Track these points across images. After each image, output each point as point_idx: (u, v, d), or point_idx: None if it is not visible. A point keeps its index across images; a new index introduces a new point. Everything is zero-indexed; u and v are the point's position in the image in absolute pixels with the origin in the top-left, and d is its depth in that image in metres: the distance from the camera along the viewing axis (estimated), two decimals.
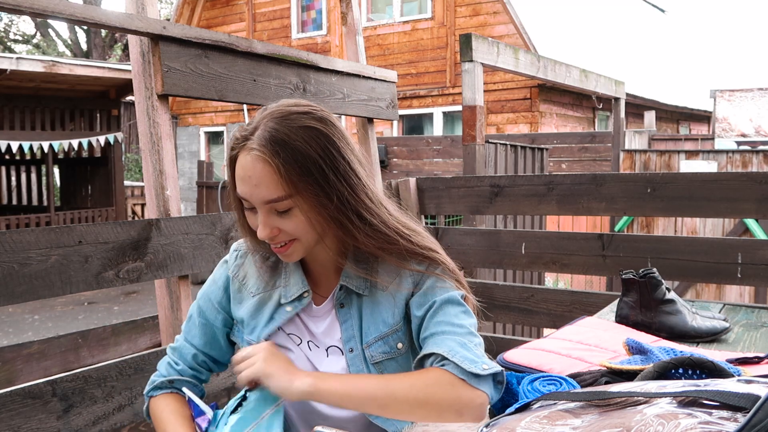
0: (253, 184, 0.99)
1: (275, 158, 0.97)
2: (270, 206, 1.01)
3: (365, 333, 1.09)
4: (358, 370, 1.08)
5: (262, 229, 1.02)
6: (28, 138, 8.73)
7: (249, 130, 1.01)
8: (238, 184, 1.01)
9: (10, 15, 18.48)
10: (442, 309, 1.06)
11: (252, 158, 0.98)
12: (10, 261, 1.49)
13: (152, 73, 1.87)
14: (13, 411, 1.49)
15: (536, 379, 1.12)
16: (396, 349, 1.08)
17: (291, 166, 0.97)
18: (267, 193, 0.99)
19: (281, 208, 1.00)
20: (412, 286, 1.09)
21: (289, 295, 1.11)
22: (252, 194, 1.00)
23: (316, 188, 0.99)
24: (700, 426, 0.59)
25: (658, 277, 1.61)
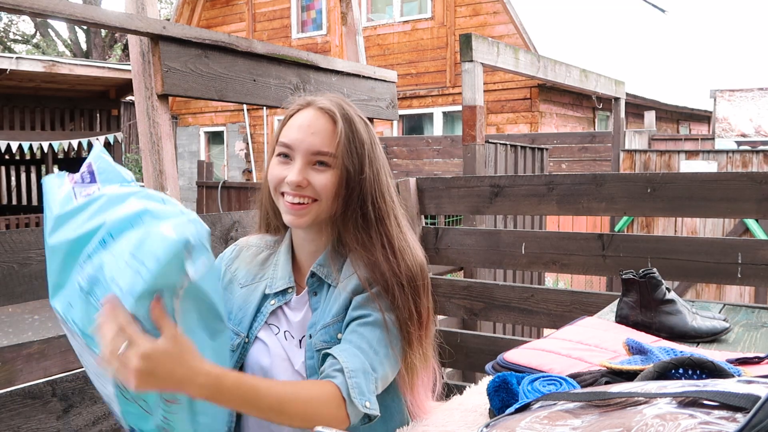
0: (311, 132, 1.08)
1: (339, 120, 1.08)
2: (313, 157, 1.07)
3: (318, 321, 1.13)
4: (311, 356, 1.10)
5: (296, 174, 1.06)
6: (28, 138, 8.73)
7: (314, 97, 1.12)
8: (291, 132, 1.09)
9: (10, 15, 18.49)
10: (373, 326, 1.07)
11: (318, 113, 1.09)
12: (10, 261, 1.49)
13: (152, 73, 1.87)
14: (13, 411, 1.49)
15: (536, 379, 1.12)
16: (336, 339, 1.11)
17: (347, 133, 1.08)
18: (319, 143, 1.07)
19: (322, 159, 1.07)
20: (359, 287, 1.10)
21: (274, 287, 1.15)
22: (303, 140, 1.07)
23: (355, 163, 1.08)
24: (700, 426, 0.59)
25: (658, 277, 1.61)
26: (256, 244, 1.23)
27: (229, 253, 1.24)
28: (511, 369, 1.29)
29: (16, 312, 6.80)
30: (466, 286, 3.00)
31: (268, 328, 1.16)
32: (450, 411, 1.18)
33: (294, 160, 1.08)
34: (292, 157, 1.09)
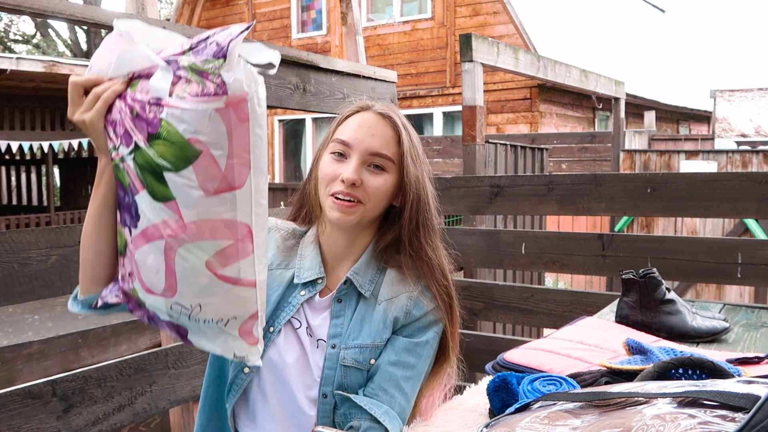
0: (371, 134, 1.08)
1: (400, 127, 1.10)
2: (370, 158, 1.07)
3: (348, 335, 1.10)
4: (330, 367, 1.09)
5: (352, 172, 1.06)
6: (28, 138, 8.73)
7: (372, 103, 1.13)
8: (350, 132, 1.08)
9: (10, 15, 18.49)
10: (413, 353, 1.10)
11: (379, 117, 1.10)
12: (10, 261, 1.49)
13: None
14: (13, 411, 1.49)
15: (536, 379, 1.12)
16: (368, 363, 1.09)
17: (406, 141, 1.10)
18: (379, 146, 1.08)
19: (379, 162, 1.08)
20: (403, 315, 1.10)
21: (303, 277, 1.13)
22: (363, 141, 1.07)
23: (409, 170, 1.09)
24: (699, 426, 0.59)
25: (658, 277, 1.61)
26: (285, 228, 1.19)
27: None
28: (511, 369, 1.29)
29: (16, 312, 6.80)
30: (466, 286, 3.00)
31: (290, 322, 1.13)
32: (450, 411, 1.18)
33: (350, 159, 1.07)
34: (347, 155, 1.08)
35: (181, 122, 0.80)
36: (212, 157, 0.81)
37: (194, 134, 0.80)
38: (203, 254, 0.84)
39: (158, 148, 0.81)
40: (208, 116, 0.79)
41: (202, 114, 0.79)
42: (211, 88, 0.80)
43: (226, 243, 0.84)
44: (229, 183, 0.82)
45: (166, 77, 0.82)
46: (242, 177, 0.83)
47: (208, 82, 0.80)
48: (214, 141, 0.80)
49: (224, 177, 0.82)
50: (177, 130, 0.80)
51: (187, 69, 0.81)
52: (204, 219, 0.83)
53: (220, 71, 0.80)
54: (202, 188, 0.82)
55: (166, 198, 0.83)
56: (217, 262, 0.85)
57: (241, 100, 0.80)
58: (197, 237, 0.84)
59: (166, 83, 0.82)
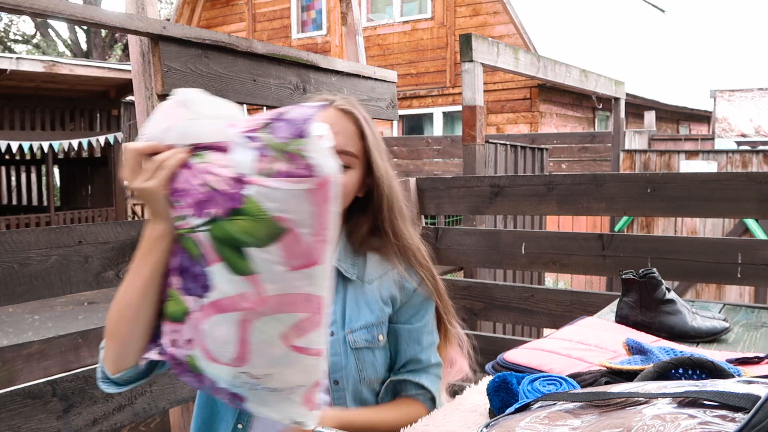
0: (335, 132, 1.07)
1: (362, 122, 1.12)
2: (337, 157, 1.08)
3: (349, 319, 1.13)
4: (336, 353, 1.11)
5: None
6: (28, 138, 8.73)
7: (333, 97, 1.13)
8: None
9: (10, 15, 18.49)
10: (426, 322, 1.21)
11: (339, 113, 1.11)
12: (10, 261, 1.49)
13: (152, 73, 1.87)
14: (13, 411, 1.49)
15: (536, 379, 1.12)
16: (377, 340, 1.13)
17: (369, 136, 1.12)
18: (343, 143, 1.09)
19: (346, 161, 1.09)
20: (398, 290, 1.17)
21: None
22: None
23: (378, 164, 1.12)
24: (699, 426, 0.59)
25: (658, 277, 1.61)
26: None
27: None
28: (511, 369, 1.29)
29: (17, 312, 6.80)
30: (466, 286, 3.00)
31: None
32: (450, 411, 1.18)
33: None
34: None
35: (268, 200, 0.81)
36: (297, 235, 0.82)
37: (282, 213, 0.81)
38: (280, 326, 0.85)
39: (241, 224, 0.82)
40: (298, 197, 0.81)
41: (291, 194, 0.81)
42: (301, 170, 0.82)
43: (303, 316, 0.85)
44: (311, 259, 0.84)
45: (250, 154, 0.83)
46: (322, 253, 0.85)
47: (296, 163, 0.82)
48: (300, 220, 0.82)
49: (307, 253, 0.83)
50: (264, 207, 0.81)
51: (271, 148, 0.83)
52: (285, 293, 0.84)
53: (308, 153, 0.82)
54: (286, 264, 0.83)
55: (246, 272, 0.83)
56: (293, 334, 0.85)
57: (327, 182, 0.83)
58: (276, 310, 0.84)
59: (251, 160, 0.83)
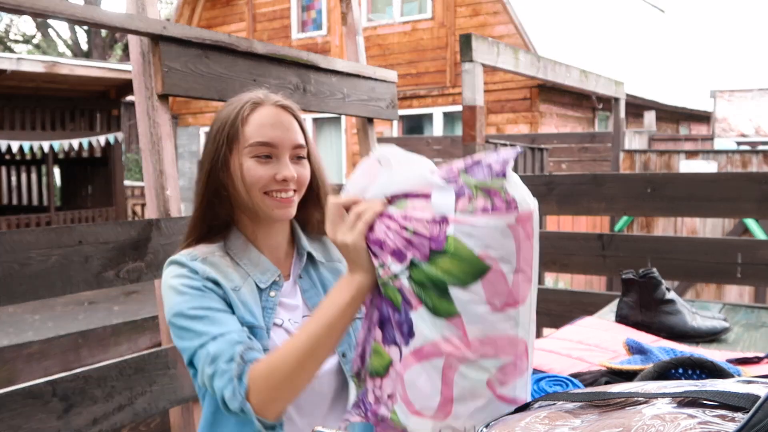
0: (285, 128, 1.11)
1: (296, 113, 1.15)
2: (294, 151, 1.12)
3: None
4: None
5: (290, 170, 1.10)
6: (28, 138, 8.73)
7: (261, 95, 1.14)
8: (267, 131, 1.10)
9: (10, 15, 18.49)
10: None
11: (279, 109, 1.13)
12: (10, 261, 1.49)
13: (152, 73, 1.87)
14: (13, 411, 1.49)
15: (542, 379, 1.12)
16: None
17: (302, 124, 1.16)
18: (296, 137, 1.12)
19: (302, 153, 1.13)
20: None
21: (265, 280, 1.14)
22: (284, 137, 1.11)
23: (314, 150, 1.17)
24: (699, 426, 0.59)
25: (658, 277, 1.61)
26: (208, 252, 1.13)
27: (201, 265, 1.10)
28: None
29: (17, 312, 6.80)
30: None
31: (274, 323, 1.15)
32: None
33: (278, 158, 1.11)
34: (274, 155, 1.10)
35: (470, 238, 0.81)
36: (501, 273, 0.82)
37: (485, 249, 0.81)
38: (485, 373, 0.83)
39: (443, 264, 0.82)
40: (500, 232, 0.81)
41: (494, 230, 0.81)
42: (502, 205, 0.82)
43: (508, 360, 0.84)
44: (515, 298, 0.83)
45: (449, 195, 0.84)
46: (525, 292, 0.84)
47: (497, 198, 0.82)
48: (503, 256, 0.82)
49: (510, 292, 0.82)
50: (466, 245, 0.81)
51: (471, 187, 0.84)
52: (489, 336, 0.83)
53: (508, 189, 0.82)
54: (489, 303, 0.82)
55: (449, 314, 0.82)
56: (497, 381, 0.83)
57: (529, 217, 0.83)
58: (481, 354, 0.83)
59: (450, 200, 0.84)
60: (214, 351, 1.01)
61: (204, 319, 1.04)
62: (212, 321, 1.04)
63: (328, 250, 1.24)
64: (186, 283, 1.07)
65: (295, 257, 1.20)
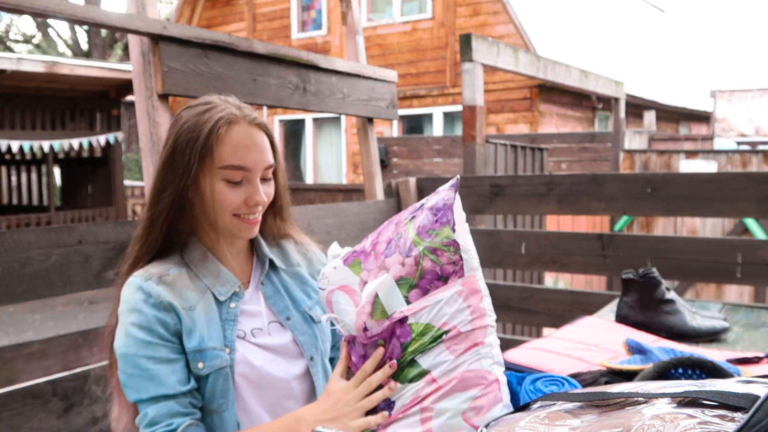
0: (260, 150, 1.08)
1: (269, 130, 1.12)
2: (265, 172, 1.10)
3: (300, 300, 1.19)
4: (304, 332, 1.16)
5: (260, 195, 1.09)
6: (29, 138, 8.73)
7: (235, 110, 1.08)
8: (242, 153, 1.06)
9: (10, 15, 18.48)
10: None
11: (254, 128, 1.08)
12: (10, 261, 1.49)
13: (152, 73, 1.87)
14: (13, 410, 1.49)
15: (538, 379, 1.12)
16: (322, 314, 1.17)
17: (273, 140, 1.13)
18: (268, 158, 1.10)
19: (270, 174, 1.12)
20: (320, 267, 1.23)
21: (224, 292, 1.11)
22: (259, 160, 1.08)
23: (281, 164, 1.15)
24: (699, 426, 0.59)
25: (658, 277, 1.61)
26: (164, 272, 1.09)
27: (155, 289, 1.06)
28: (511, 369, 1.29)
29: (17, 312, 6.81)
30: None
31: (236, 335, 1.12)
32: None
33: (250, 181, 1.07)
34: (246, 178, 1.07)
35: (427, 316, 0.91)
36: (457, 330, 0.92)
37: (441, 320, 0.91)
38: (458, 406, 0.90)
39: (412, 347, 0.92)
40: (451, 303, 0.91)
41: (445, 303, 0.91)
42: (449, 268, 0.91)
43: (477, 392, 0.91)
44: (474, 342, 0.92)
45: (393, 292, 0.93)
46: (482, 333, 0.93)
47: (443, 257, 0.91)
48: (457, 318, 0.92)
49: (469, 338, 0.92)
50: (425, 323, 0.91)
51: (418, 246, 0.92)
52: (455, 375, 0.91)
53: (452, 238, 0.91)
54: (451, 352, 0.91)
55: (420, 376, 0.92)
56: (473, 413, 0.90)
57: (472, 278, 0.93)
58: (451, 389, 0.90)
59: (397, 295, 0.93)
60: (152, 416, 1.01)
61: (145, 373, 1.02)
62: (152, 377, 1.02)
63: (287, 256, 1.23)
64: (135, 322, 1.03)
65: (256, 263, 1.19)
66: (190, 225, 1.13)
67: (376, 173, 2.90)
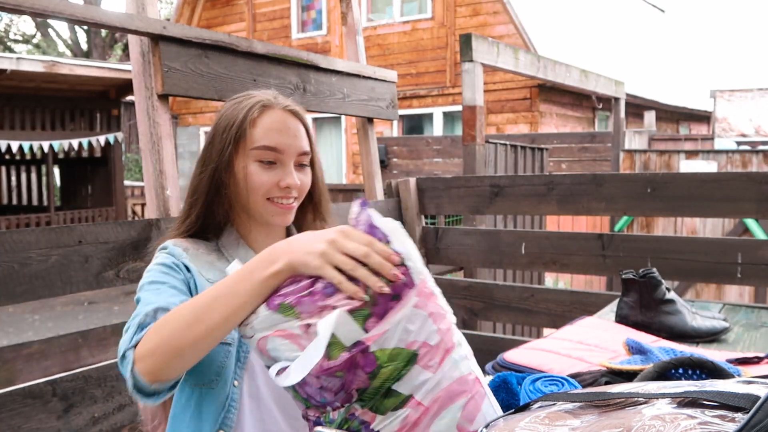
0: (293, 135, 1.11)
1: (304, 119, 1.15)
2: (299, 158, 1.12)
3: None
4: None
5: (293, 177, 1.10)
6: (28, 138, 8.73)
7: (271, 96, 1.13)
8: (275, 136, 1.10)
9: (10, 15, 18.48)
10: None
11: (288, 114, 1.12)
12: (10, 261, 1.49)
13: (152, 73, 1.87)
14: (13, 411, 1.49)
15: (538, 379, 1.12)
16: None
17: (309, 130, 1.16)
18: (302, 144, 1.12)
19: (306, 161, 1.13)
20: None
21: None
22: (291, 144, 1.10)
23: (317, 156, 1.17)
24: (699, 426, 0.59)
25: (658, 277, 1.61)
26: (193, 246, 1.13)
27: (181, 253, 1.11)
28: (511, 369, 1.29)
29: (17, 312, 6.81)
30: (466, 286, 3.00)
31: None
32: None
33: (283, 164, 1.10)
34: (278, 160, 1.10)
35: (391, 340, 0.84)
36: (427, 345, 0.85)
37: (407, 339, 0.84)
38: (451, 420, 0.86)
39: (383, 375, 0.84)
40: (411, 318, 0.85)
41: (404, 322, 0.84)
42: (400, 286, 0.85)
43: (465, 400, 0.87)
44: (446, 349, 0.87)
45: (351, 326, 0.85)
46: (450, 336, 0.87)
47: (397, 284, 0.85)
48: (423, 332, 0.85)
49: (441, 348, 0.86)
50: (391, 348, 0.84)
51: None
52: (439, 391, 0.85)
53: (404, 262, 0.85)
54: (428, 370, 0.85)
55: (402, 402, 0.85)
56: (466, 421, 0.86)
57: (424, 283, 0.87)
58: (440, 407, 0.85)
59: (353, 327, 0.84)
60: (137, 311, 0.99)
61: (152, 289, 1.03)
62: (158, 292, 1.02)
63: None
64: (157, 261, 1.09)
65: None
66: (225, 209, 1.14)
67: (376, 173, 2.90)
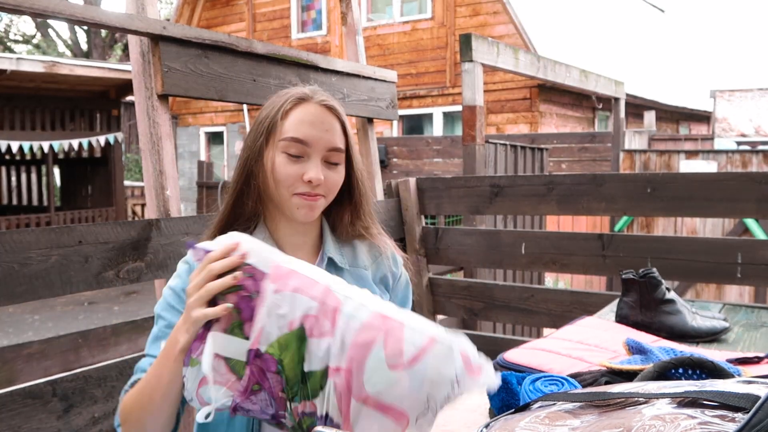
0: (324, 129, 1.09)
1: (341, 116, 1.13)
2: (328, 154, 1.10)
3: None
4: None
5: (317, 172, 1.07)
6: (28, 138, 8.73)
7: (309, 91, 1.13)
8: (304, 128, 1.08)
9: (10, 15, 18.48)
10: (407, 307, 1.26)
11: (323, 109, 1.11)
12: (10, 261, 1.49)
13: (152, 73, 1.87)
14: (13, 411, 1.49)
15: (538, 379, 1.12)
16: None
17: (349, 130, 1.14)
18: (333, 140, 1.10)
19: (335, 159, 1.11)
20: (389, 275, 1.23)
21: None
22: (320, 138, 1.09)
23: (357, 158, 1.16)
24: (699, 426, 0.59)
25: (658, 277, 1.61)
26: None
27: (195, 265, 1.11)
28: (511, 369, 1.29)
29: (17, 312, 6.81)
30: (466, 286, 3.00)
31: None
32: (450, 411, 1.18)
33: (310, 158, 1.08)
34: (305, 154, 1.08)
35: (270, 334, 0.84)
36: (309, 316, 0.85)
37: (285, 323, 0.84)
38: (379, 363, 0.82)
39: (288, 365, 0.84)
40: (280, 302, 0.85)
41: (272, 308, 0.84)
42: (251, 284, 0.86)
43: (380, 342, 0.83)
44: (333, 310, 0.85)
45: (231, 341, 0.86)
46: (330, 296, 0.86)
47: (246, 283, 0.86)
48: (297, 308, 0.85)
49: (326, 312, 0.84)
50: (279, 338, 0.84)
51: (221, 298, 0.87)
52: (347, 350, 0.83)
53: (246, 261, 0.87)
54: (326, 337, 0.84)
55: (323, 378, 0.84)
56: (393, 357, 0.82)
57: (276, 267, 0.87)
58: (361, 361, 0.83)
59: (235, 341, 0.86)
60: (138, 365, 1.06)
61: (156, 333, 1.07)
62: (156, 338, 1.06)
63: (357, 256, 1.20)
64: (172, 285, 1.10)
65: (318, 261, 1.17)
66: (255, 201, 1.13)
67: (376, 173, 2.90)
